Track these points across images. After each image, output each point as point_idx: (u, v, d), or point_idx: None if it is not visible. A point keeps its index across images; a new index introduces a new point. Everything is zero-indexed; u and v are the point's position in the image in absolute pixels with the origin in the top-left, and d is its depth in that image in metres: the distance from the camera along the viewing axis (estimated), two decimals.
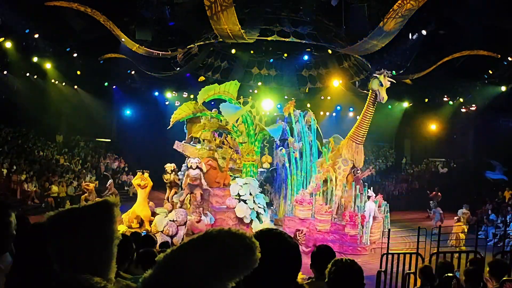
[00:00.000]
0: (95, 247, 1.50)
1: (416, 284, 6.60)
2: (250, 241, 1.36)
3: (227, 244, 1.34)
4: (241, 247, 1.34)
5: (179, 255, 1.36)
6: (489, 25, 15.79)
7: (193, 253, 1.34)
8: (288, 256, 1.52)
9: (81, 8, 15.55)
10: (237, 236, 1.36)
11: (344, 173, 14.75)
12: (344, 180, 14.78)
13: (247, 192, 15.05)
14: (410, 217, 20.25)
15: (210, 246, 1.34)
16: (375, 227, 14.38)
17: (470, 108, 23.52)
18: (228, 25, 15.31)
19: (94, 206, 1.60)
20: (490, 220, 17.20)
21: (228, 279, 1.33)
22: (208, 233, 1.38)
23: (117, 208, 1.60)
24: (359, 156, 14.83)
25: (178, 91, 26.10)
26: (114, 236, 1.56)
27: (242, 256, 1.34)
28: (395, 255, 8.94)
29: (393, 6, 13.48)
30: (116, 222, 1.59)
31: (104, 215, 1.56)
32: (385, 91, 13.63)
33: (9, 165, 18.86)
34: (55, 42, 19.37)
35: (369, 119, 14.37)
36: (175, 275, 1.33)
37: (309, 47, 22.60)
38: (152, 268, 1.38)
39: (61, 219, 1.54)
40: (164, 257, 1.37)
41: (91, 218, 1.54)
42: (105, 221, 1.55)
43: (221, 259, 1.32)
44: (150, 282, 1.35)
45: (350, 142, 14.79)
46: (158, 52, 18.62)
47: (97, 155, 26.26)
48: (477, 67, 18.92)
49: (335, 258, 2.91)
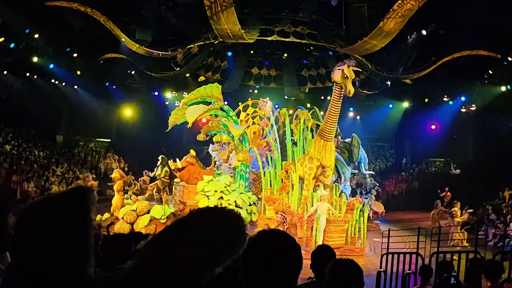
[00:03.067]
0: (70, 238, 1.34)
1: (416, 284, 6.60)
2: (237, 218, 1.27)
3: (212, 224, 1.23)
4: (229, 226, 1.25)
5: (161, 240, 1.25)
6: (489, 25, 15.78)
7: (177, 237, 1.23)
8: (289, 257, 1.52)
9: (81, 8, 15.55)
10: (222, 215, 1.27)
11: (310, 172, 13.73)
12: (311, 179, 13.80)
13: (212, 188, 15.51)
14: (410, 217, 20.26)
15: (195, 229, 1.23)
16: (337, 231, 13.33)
17: (470, 108, 23.52)
18: (228, 25, 15.32)
19: (67, 193, 1.45)
20: (490, 220, 17.19)
21: (216, 262, 1.23)
22: (191, 214, 1.28)
23: (92, 195, 1.44)
24: (328, 153, 13.85)
25: (178, 91, 26.11)
26: (90, 226, 1.39)
27: (230, 236, 1.24)
28: (395, 255, 8.95)
29: (393, 6, 13.49)
30: (92, 210, 1.42)
31: (78, 203, 1.40)
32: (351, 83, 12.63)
33: (9, 165, 18.87)
34: (55, 42, 19.37)
35: (335, 114, 13.37)
36: (158, 262, 1.22)
37: (309, 47, 22.62)
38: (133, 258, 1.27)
39: (34, 209, 1.41)
40: (146, 245, 1.26)
41: (64, 206, 1.39)
42: (79, 209, 1.39)
43: (207, 241, 1.21)
44: (132, 273, 1.24)
45: (318, 139, 13.91)
46: (158, 52, 18.62)
47: (97, 155, 26.27)
48: (477, 67, 18.91)
49: (334, 258, 2.92)
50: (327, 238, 12.75)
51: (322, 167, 13.74)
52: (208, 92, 17.95)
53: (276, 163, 16.36)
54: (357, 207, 14.02)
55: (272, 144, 16.78)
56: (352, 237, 13.70)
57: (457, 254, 9.14)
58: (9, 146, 20.82)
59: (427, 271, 5.50)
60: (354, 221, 13.69)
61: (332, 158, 14.07)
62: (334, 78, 13.00)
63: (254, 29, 17.80)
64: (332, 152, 13.98)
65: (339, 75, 12.61)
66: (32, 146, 22.62)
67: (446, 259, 7.43)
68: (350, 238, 13.68)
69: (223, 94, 18.99)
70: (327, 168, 13.79)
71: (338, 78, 12.71)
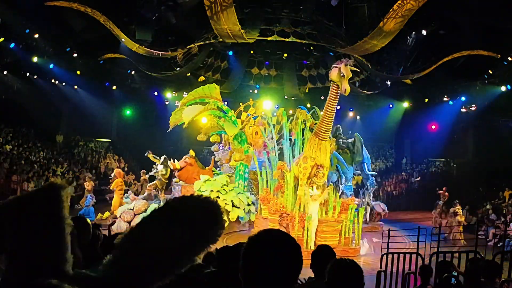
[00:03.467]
0: (44, 235, 1.32)
1: (416, 284, 6.59)
2: (213, 205, 1.26)
3: (188, 213, 1.23)
4: (204, 214, 1.24)
5: (139, 232, 1.24)
6: (489, 25, 15.78)
7: (154, 227, 1.22)
8: (290, 256, 1.52)
9: (81, 8, 15.55)
10: (198, 203, 1.26)
11: (304, 171, 13.56)
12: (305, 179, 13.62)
13: (208, 188, 15.61)
14: (410, 217, 20.26)
15: (171, 218, 1.22)
16: (330, 231, 13.19)
17: (470, 108, 23.52)
18: (228, 25, 15.32)
19: (38, 191, 1.42)
20: (490, 220, 17.20)
21: (195, 251, 1.23)
22: (167, 204, 1.27)
23: (65, 191, 1.41)
24: (322, 153, 13.60)
25: (178, 91, 26.12)
26: (65, 223, 1.36)
27: (206, 224, 1.23)
28: (395, 255, 8.95)
29: (393, 6, 13.48)
30: (66, 207, 1.40)
31: (50, 200, 1.37)
32: (348, 82, 12.36)
33: (9, 165, 18.87)
34: (55, 42, 19.36)
35: (331, 113, 13.16)
36: (136, 256, 1.20)
37: (309, 47, 22.61)
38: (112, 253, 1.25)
39: (5, 208, 1.38)
40: (123, 238, 1.24)
41: (36, 204, 1.36)
42: (51, 206, 1.36)
43: (184, 229, 1.20)
44: (111, 268, 1.23)
45: (313, 138, 13.69)
46: (158, 52, 18.62)
47: (97, 155, 26.27)
48: (477, 67, 18.89)
49: (334, 258, 2.92)
50: (319, 238, 12.65)
51: (317, 167, 13.52)
52: (207, 93, 17.96)
53: (272, 163, 16.31)
54: (351, 207, 13.83)
55: (268, 144, 16.72)
56: (346, 238, 13.47)
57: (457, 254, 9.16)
58: (9, 146, 20.82)
59: (427, 271, 5.50)
60: (348, 222, 13.51)
61: (327, 158, 13.83)
62: (331, 76, 12.85)
63: (254, 29, 17.80)
64: (326, 152, 13.74)
65: (335, 73, 12.42)
66: (32, 146, 22.62)
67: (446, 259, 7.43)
68: (344, 239, 13.46)
69: (223, 94, 18.99)
70: (321, 168, 13.54)
71: (334, 76, 12.52)
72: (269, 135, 17.14)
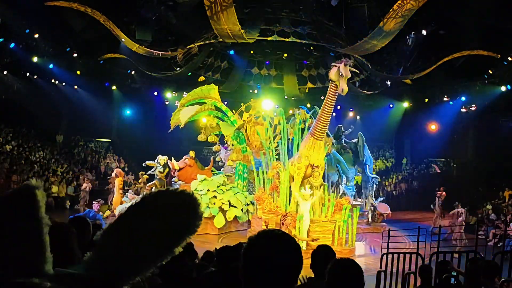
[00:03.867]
0: (21, 236, 1.32)
1: (416, 284, 6.60)
2: (189, 197, 1.27)
3: (165, 205, 1.24)
4: (181, 205, 1.25)
5: (116, 228, 1.25)
6: (489, 25, 15.78)
7: (131, 222, 1.24)
8: (290, 257, 1.52)
9: (81, 8, 15.55)
10: (174, 195, 1.27)
11: (298, 171, 13.47)
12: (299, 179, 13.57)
13: (205, 187, 15.77)
14: (410, 217, 20.26)
15: (148, 211, 1.24)
16: (322, 231, 13.07)
17: (470, 108, 23.53)
18: (228, 25, 15.33)
19: (13, 193, 1.42)
20: (490, 220, 17.20)
21: (174, 243, 1.24)
22: (144, 198, 1.28)
23: (40, 191, 1.40)
24: (316, 152, 13.43)
25: (178, 91, 26.11)
26: (42, 223, 1.36)
27: (184, 215, 1.25)
28: (395, 255, 8.95)
29: (393, 6, 13.49)
30: (42, 207, 1.39)
31: (26, 201, 1.36)
32: (346, 82, 12.24)
33: (9, 165, 18.87)
34: (55, 42, 19.38)
35: (328, 112, 13.00)
36: (116, 251, 1.21)
37: (309, 47, 22.62)
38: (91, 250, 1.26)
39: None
40: (102, 234, 1.25)
41: (12, 206, 1.36)
42: (27, 207, 1.36)
43: (161, 222, 1.22)
44: (92, 264, 1.23)
45: (309, 137, 13.53)
46: (158, 52, 18.63)
47: (97, 155, 26.27)
48: (477, 67, 18.91)
49: (335, 258, 2.92)
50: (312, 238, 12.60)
51: (312, 166, 13.40)
52: (206, 93, 17.99)
53: (268, 162, 16.30)
54: (345, 207, 13.66)
55: (264, 144, 16.70)
56: (340, 238, 13.31)
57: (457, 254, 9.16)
58: (9, 146, 20.82)
59: (427, 271, 5.50)
60: (341, 222, 13.35)
61: (321, 158, 13.65)
62: (330, 75, 12.76)
63: (254, 29, 17.80)
64: (320, 151, 13.55)
65: (334, 72, 12.32)
66: (32, 146, 22.62)
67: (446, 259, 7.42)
68: (338, 240, 13.29)
69: (223, 94, 18.99)
70: (316, 169, 13.41)
71: (333, 75, 12.41)
72: (267, 135, 17.16)
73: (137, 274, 1.25)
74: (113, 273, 1.22)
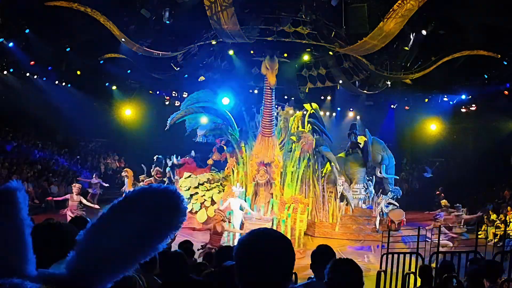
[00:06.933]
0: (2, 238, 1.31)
1: (416, 284, 6.60)
2: (172, 193, 1.27)
3: (148, 202, 1.24)
4: (165, 202, 1.25)
5: (98, 226, 1.24)
6: (489, 25, 15.78)
7: (113, 220, 1.23)
8: (282, 253, 1.54)
9: (81, 8, 15.54)
10: (157, 192, 1.27)
11: (252, 169, 13.62)
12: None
13: (188, 184, 16.53)
14: (410, 217, 20.23)
15: (130, 208, 1.24)
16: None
17: (470, 108, 23.53)
18: (228, 25, 15.31)
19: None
20: (490, 220, 17.19)
21: (157, 239, 1.24)
22: (126, 195, 1.29)
23: (20, 192, 1.39)
24: (265, 149, 13.51)
25: (178, 91, 26.08)
26: (24, 224, 1.35)
27: (166, 211, 1.24)
28: (395, 255, 8.95)
29: (393, 6, 13.48)
30: (23, 208, 1.39)
31: (6, 203, 1.35)
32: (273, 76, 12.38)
33: (9, 165, 18.85)
34: (55, 42, 19.37)
35: (268, 108, 13.05)
36: (97, 250, 1.21)
37: (309, 47, 22.57)
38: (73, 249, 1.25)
39: None
40: (84, 234, 1.24)
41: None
42: (8, 208, 1.35)
43: (145, 221, 1.21)
44: (74, 264, 1.22)
45: (259, 136, 13.67)
46: (158, 52, 18.61)
47: (97, 155, 26.26)
48: (477, 67, 18.91)
49: (334, 258, 2.92)
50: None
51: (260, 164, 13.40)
52: (206, 98, 18.18)
53: None
54: (287, 206, 13.51)
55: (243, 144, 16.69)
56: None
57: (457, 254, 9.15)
58: (9, 146, 20.81)
59: (427, 271, 5.50)
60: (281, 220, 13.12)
61: (271, 154, 13.58)
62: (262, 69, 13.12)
63: (254, 29, 17.78)
64: (270, 148, 13.53)
65: (262, 66, 12.70)
66: (32, 146, 22.62)
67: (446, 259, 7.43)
68: None
69: None
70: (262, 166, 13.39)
71: (263, 70, 12.82)
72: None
73: (119, 272, 1.24)
74: (94, 272, 1.21)
